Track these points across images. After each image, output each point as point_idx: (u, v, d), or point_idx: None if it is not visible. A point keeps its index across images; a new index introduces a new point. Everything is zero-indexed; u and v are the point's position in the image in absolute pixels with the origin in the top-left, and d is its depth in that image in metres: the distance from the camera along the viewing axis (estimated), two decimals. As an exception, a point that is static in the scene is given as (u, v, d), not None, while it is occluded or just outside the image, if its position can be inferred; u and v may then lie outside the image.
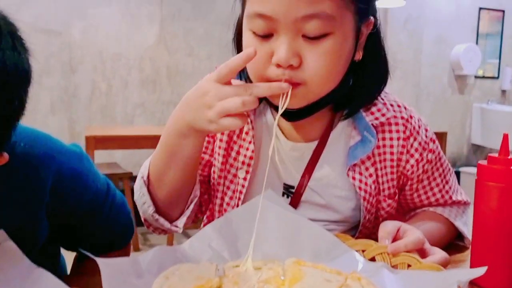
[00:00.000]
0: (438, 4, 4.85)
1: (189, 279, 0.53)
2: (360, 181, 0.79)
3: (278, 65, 0.65)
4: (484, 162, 0.68)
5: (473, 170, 4.47)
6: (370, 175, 0.79)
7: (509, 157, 0.66)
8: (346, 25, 0.67)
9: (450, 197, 0.86)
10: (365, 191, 0.79)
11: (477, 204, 0.68)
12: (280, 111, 0.68)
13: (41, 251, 0.65)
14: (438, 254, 0.65)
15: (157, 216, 0.73)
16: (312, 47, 0.65)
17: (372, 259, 0.64)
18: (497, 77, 5.37)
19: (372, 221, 0.82)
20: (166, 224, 0.73)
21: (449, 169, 0.88)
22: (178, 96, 3.82)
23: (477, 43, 5.13)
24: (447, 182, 0.87)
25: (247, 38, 0.69)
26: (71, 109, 3.57)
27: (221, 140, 0.82)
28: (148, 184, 0.72)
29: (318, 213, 0.80)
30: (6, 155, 0.52)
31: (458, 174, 4.92)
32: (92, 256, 0.51)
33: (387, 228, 0.68)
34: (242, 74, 0.79)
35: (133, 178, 3.05)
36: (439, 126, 4.89)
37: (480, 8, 5.12)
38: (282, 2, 0.63)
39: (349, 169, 0.78)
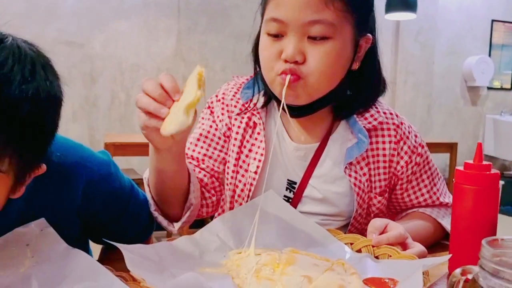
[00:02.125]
0: (450, 17, 4.91)
1: None
2: (356, 178, 0.88)
3: (286, 61, 0.79)
4: (461, 168, 0.77)
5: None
6: (364, 174, 0.89)
7: (482, 163, 0.74)
8: (345, 34, 0.80)
9: (438, 198, 0.95)
10: (359, 188, 0.88)
11: (455, 204, 0.76)
12: (283, 100, 0.79)
13: (73, 244, 0.75)
14: (417, 247, 0.73)
15: (156, 214, 0.83)
16: (315, 47, 0.78)
17: (359, 251, 0.73)
18: (510, 89, 5.38)
19: (363, 216, 0.91)
20: (163, 223, 0.83)
21: (438, 174, 0.97)
22: (193, 106, 3.95)
23: (489, 55, 5.16)
24: (435, 185, 0.95)
25: (263, 40, 0.83)
26: (91, 118, 3.72)
27: (235, 139, 0.93)
28: (149, 185, 0.83)
29: (316, 207, 0.90)
30: (44, 166, 0.62)
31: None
32: (116, 244, 0.61)
33: (375, 224, 0.77)
34: (257, 81, 0.90)
35: (149, 184, 3.17)
36: (451, 136, 4.92)
37: (493, 20, 5.17)
38: (293, 9, 0.77)
39: (346, 168, 0.88)
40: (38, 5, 3.48)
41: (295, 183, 0.90)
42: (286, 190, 0.90)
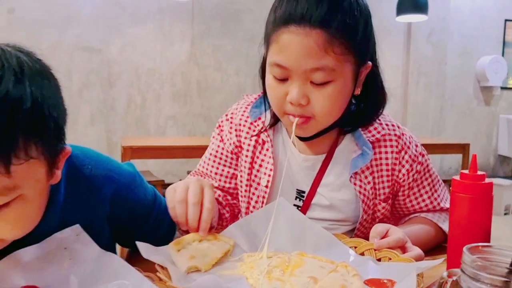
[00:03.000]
0: (462, 17, 4.91)
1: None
2: (360, 186, 0.95)
3: (291, 103, 0.84)
4: (457, 177, 0.83)
5: (500, 181, 4.43)
6: (369, 183, 0.96)
7: (477, 173, 0.80)
8: (346, 74, 0.85)
9: (438, 204, 1.01)
10: (364, 195, 0.95)
11: (451, 211, 0.82)
12: (292, 136, 0.88)
13: (103, 248, 0.83)
14: (415, 251, 0.79)
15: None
16: (318, 91, 0.83)
17: (362, 254, 0.79)
18: (525, 88, 5.35)
19: (369, 221, 0.97)
20: None
21: (438, 180, 1.03)
22: (207, 109, 4.05)
23: (503, 54, 5.15)
24: (436, 191, 1.01)
25: (269, 80, 0.88)
26: (109, 121, 3.84)
27: (246, 156, 1.00)
28: None
29: (324, 213, 0.97)
30: (69, 148, 0.69)
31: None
32: (141, 250, 0.68)
33: (377, 229, 0.83)
34: (266, 100, 0.97)
35: (164, 186, 3.26)
36: (464, 137, 4.93)
37: (506, 20, 5.15)
38: (295, 57, 0.81)
39: (351, 177, 0.95)
40: (57, 12, 3.61)
41: (304, 192, 0.97)
42: (296, 199, 0.97)
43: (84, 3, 3.66)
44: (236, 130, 1.02)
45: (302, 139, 0.95)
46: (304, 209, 0.97)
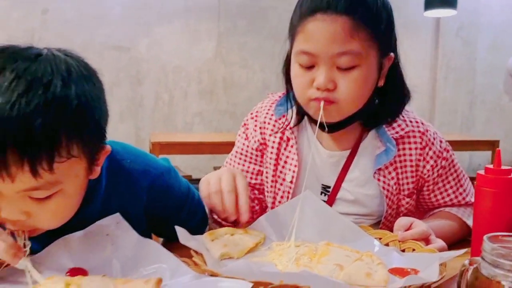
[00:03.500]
0: (492, 11, 4.79)
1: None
2: (384, 182, 0.97)
3: (318, 88, 0.87)
4: (482, 172, 0.84)
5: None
6: (392, 178, 0.98)
7: (501, 168, 0.81)
8: (371, 60, 0.88)
9: (464, 199, 1.02)
10: (388, 191, 0.97)
11: (476, 205, 0.84)
12: (318, 122, 0.90)
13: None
14: (438, 243, 0.81)
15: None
16: (344, 76, 0.87)
17: (387, 245, 0.82)
18: (558, 84, 5.18)
19: (393, 216, 1.00)
20: None
21: (464, 175, 1.04)
22: (233, 106, 4.10)
23: (536, 49, 5.00)
24: (461, 186, 1.03)
25: (295, 69, 0.91)
26: (137, 118, 3.95)
27: (271, 153, 1.04)
28: None
29: (349, 208, 1.00)
30: (109, 147, 0.73)
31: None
32: (179, 235, 0.73)
33: (401, 222, 0.86)
34: (289, 98, 1.01)
35: (192, 181, 3.33)
36: (494, 133, 4.81)
37: (539, 13, 5.00)
38: (321, 42, 0.85)
39: (375, 173, 0.97)
40: (87, 13, 3.72)
41: (329, 187, 1.00)
42: (321, 194, 1.01)
43: (113, 3, 3.77)
44: (260, 128, 1.06)
45: (327, 130, 0.97)
46: (329, 203, 1.00)
